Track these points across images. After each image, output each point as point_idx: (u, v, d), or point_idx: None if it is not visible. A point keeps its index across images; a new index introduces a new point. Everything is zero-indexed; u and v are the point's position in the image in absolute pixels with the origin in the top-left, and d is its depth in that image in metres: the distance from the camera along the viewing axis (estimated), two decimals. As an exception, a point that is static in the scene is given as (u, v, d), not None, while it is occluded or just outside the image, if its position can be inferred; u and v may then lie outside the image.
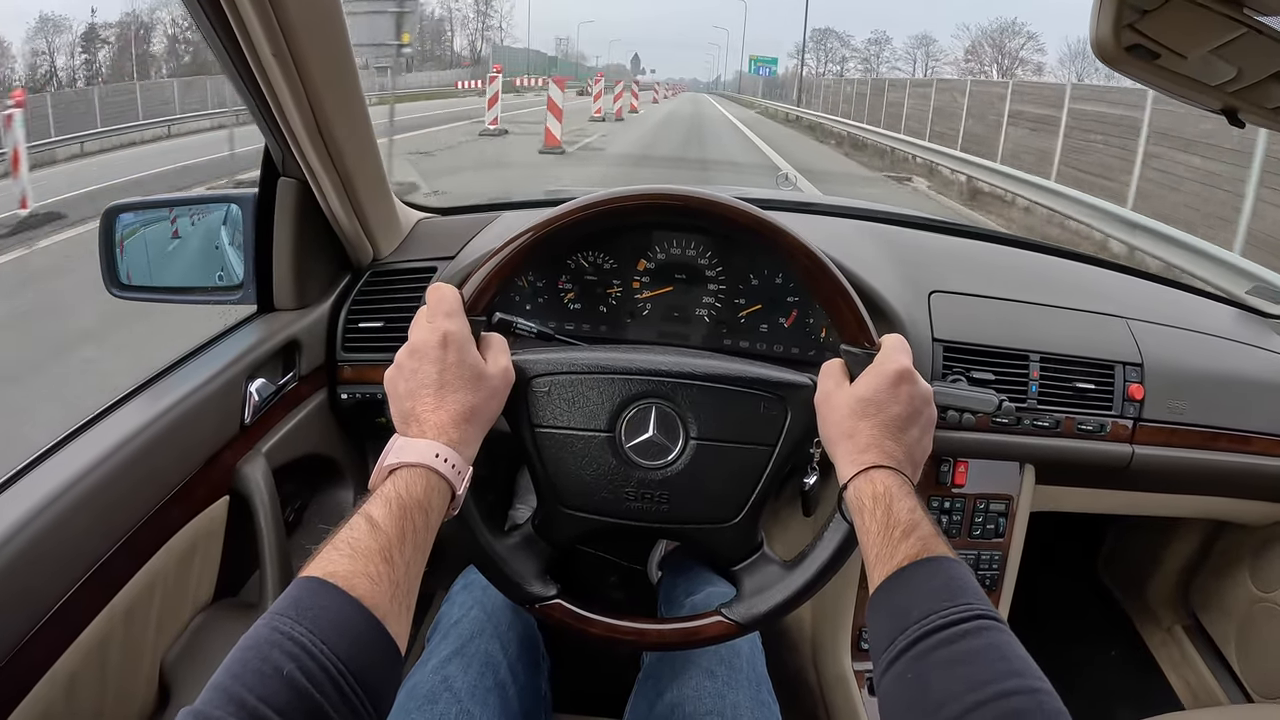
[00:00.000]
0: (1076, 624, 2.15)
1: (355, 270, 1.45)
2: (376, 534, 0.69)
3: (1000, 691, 0.61)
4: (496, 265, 0.93)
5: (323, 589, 0.64)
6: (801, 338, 1.37)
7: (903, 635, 0.68)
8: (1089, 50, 0.67)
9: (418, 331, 0.86)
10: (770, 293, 1.36)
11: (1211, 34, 0.65)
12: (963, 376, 1.35)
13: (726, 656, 1.09)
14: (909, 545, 0.75)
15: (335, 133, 1.16)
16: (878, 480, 0.81)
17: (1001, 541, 1.50)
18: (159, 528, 1.04)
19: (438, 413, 0.81)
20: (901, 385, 0.86)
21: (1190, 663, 1.94)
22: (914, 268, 1.45)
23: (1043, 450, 1.42)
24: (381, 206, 1.39)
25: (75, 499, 0.90)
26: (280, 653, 0.58)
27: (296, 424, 1.34)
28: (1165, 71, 0.69)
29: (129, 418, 1.03)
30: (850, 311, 0.93)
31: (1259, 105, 0.71)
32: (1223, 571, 1.88)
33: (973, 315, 1.41)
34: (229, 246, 1.34)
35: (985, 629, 0.66)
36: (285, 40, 0.99)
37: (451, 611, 1.14)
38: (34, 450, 0.95)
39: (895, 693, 0.67)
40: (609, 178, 11.33)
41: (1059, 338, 1.41)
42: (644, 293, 1.38)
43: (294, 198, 1.27)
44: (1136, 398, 1.41)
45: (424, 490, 0.75)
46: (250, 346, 1.23)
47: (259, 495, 1.20)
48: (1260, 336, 1.59)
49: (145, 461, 1.00)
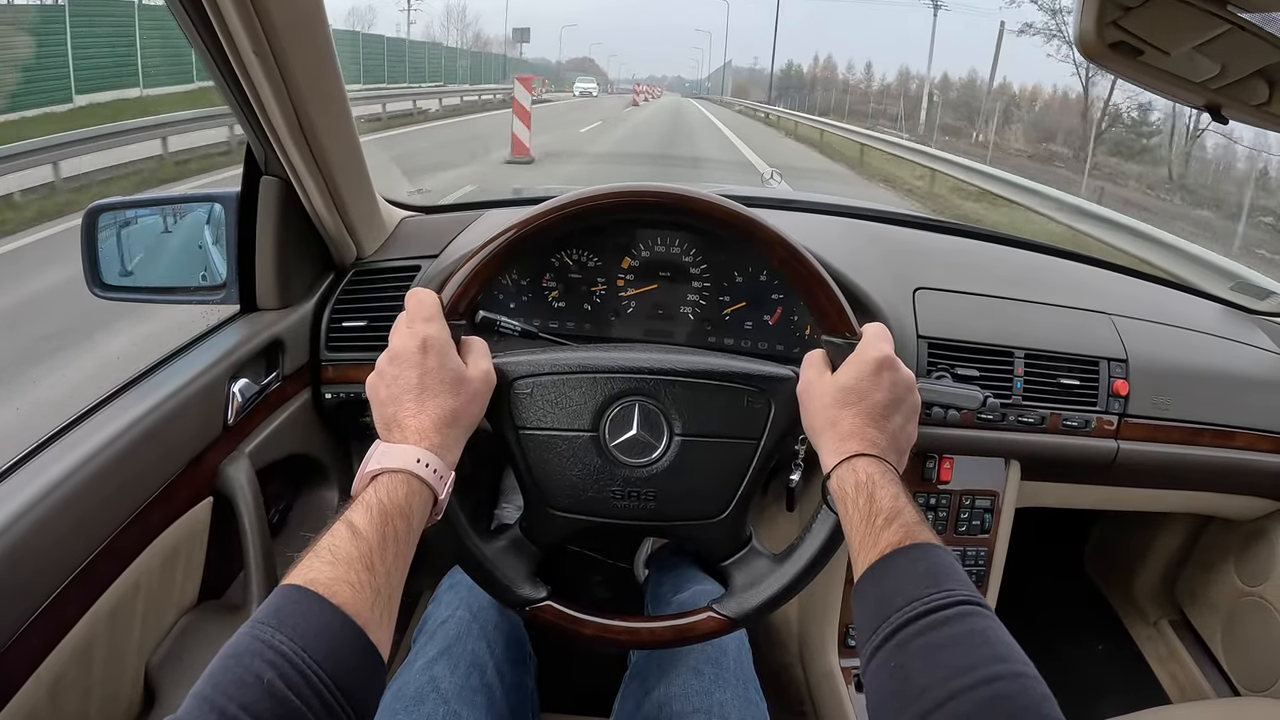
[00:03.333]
0: (1063, 619, 2.16)
1: (338, 269, 1.44)
2: (358, 541, 0.69)
3: (984, 677, 0.60)
4: (475, 267, 0.92)
5: (303, 597, 0.63)
6: (786, 334, 1.37)
7: (886, 623, 0.68)
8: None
9: (397, 337, 0.86)
10: (755, 289, 1.36)
11: (1195, 30, 0.65)
12: (947, 373, 1.35)
13: (713, 655, 1.09)
14: (891, 533, 0.75)
15: (318, 131, 1.15)
16: (860, 468, 0.81)
17: (987, 538, 1.50)
18: (142, 530, 1.03)
19: (419, 418, 0.81)
20: (883, 373, 0.86)
21: (1177, 657, 1.95)
22: (899, 264, 1.45)
23: (1028, 446, 1.43)
24: (364, 205, 1.39)
25: (57, 501, 0.89)
26: (261, 661, 0.58)
27: (280, 424, 1.33)
28: (1149, 68, 0.69)
29: (111, 419, 1.02)
30: (830, 301, 0.93)
31: (1242, 101, 0.72)
32: (1208, 566, 1.89)
33: (957, 312, 1.41)
34: (212, 246, 1.33)
35: (968, 614, 0.66)
36: (267, 38, 0.98)
37: (438, 612, 1.13)
38: (15, 452, 0.94)
39: (879, 681, 0.67)
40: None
41: (1044, 334, 1.42)
42: (628, 290, 1.37)
43: (276, 196, 1.26)
44: (1121, 393, 1.41)
45: (405, 496, 0.75)
46: (233, 346, 1.22)
47: (242, 496, 1.19)
48: (1244, 332, 1.60)
49: (128, 463, 0.99)
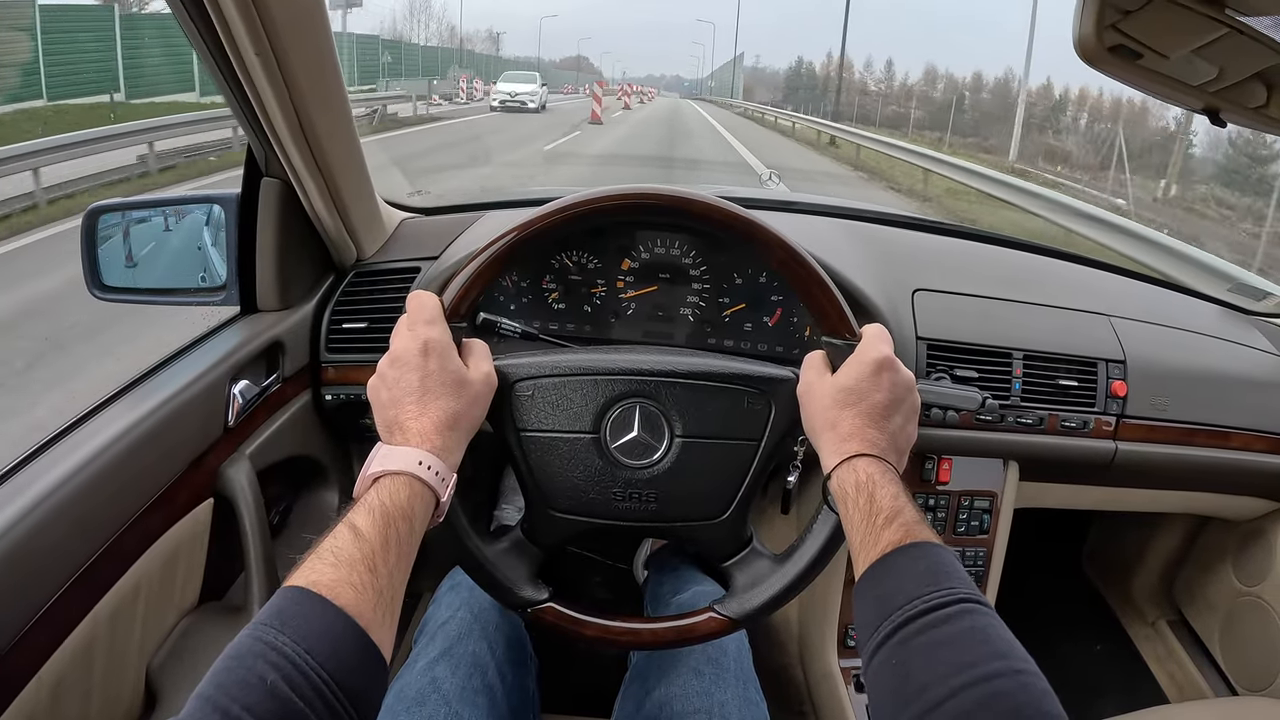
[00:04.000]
0: (1062, 619, 2.16)
1: (339, 271, 1.44)
2: (360, 542, 0.69)
3: (984, 674, 0.61)
4: (476, 270, 0.92)
5: (306, 598, 0.64)
6: (786, 336, 1.37)
7: (886, 621, 0.68)
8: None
9: (399, 340, 0.86)
10: (754, 291, 1.36)
11: (1193, 34, 0.65)
12: (946, 374, 1.35)
13: (714, 655, 1.10)
14: (892, 532, 0.75)
15: (318, 132, 1.15)
16: (860, 469, 0.81)
17: (986, 538, 1.51)
18: (143, 531, 1.03)
19: (420, 420, 0.81)
20: (883, 373, 0.86)
21: (1175, 657, 1.96)
22: (898, 266, 1.46)
23: (1026, 447, 1.43)
24: (365, 206, 1.39)
25: (58, 503, 0.89)
26: (264, 663, 0.58)
27: (280, 426, 1.33)
28: (1147, 72, 0.70)
29: (112, 420, 1.02)
30: (829, 303, 0.93)
31: (1241, 105, 0.72)
32: (1206, 566, 1.89)
33: (956, 313, 1.42)
34: (211, 247, 1.32)
35: (968, 612, 0.66)
36: (269, 40, 0.98)
37: (439, 612, 1.14)
38: (16, 454, 0.94)
39: (881, 679, 0.67)
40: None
41: (1042, 335, 1.42)
42: (628, 292, 1.38)
43: (277, 198, 1.26)
44: (1119, 394, 1.42)
45: (407, 498, 0.75)
46: (234, 348, 1.22)
47: (243, 498, 1.19)
48: (1241, 333, 1.61)
49: (128, 465, 1.00)
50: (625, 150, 16.33)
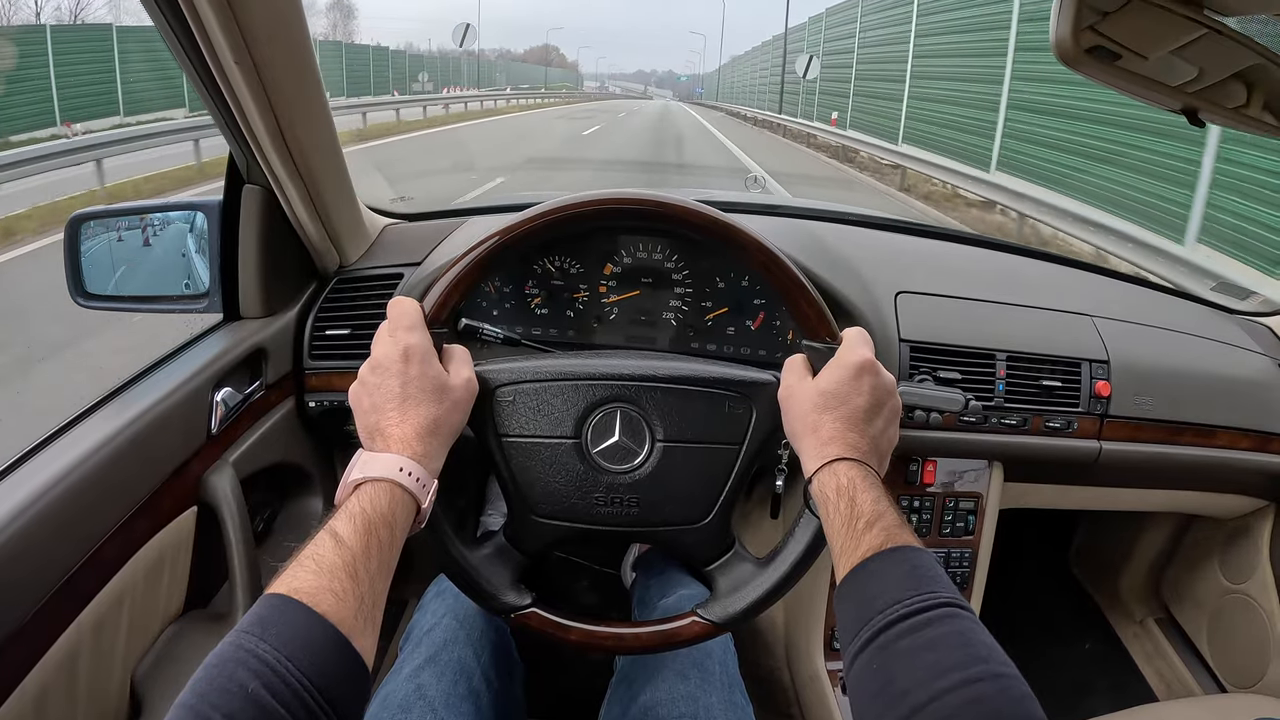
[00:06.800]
0: (1049, 619, 2.17)
1: (321, 277, 1.44)
2: (341, 549, 0.69)
3: (965, 678, 0.61)
4: (456, 275, 0.92)
5: (287, 606, 0.64)
6: (769, 340, 1.38)
7: (867, 626, 0.68)
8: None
9: (379, 346, 0.86)
10: (737, 295, 1.36)
11: (1172, 35, 0.66)
12: (929, 376, 1.35)
13: (699, 659, 1.10)
14: (873, 536, 0.75)
15: (300, 139, 1.15)
16: (841, 472, 0.81)
17: (971, 539, 1.51)
18: (127, 540, 1.03)
19: (401, 426, 0.81)
20: (864, 377, 0.86)
21: (1163, 655, 1.97)
22: (880, 269, 1.46)
23: (1011, 448, 1.43)
24: (347, 213, 1.38)
25: (40, 512, 0.88)
26: (245, 670, 0.58)
27: (264, 433, 1.32)
28: (1126, 73, 0.70)
29: (94, 429, 1.02)
30: (809, 306, 0.94)
31: (1219, 105, 0.72)
32: (1193, 564, 1.90)
33: (939, 315, 1.42)
34: (195, 254, 1.32)
35: (950, 616, 0.67)
36: (248, 46, 0.98)
37: (424, 619, 1.13)
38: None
39: (862, 683, 0.67)
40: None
41: (1025, 336, 1.43)
42: (611, 297, 1.38)
43: (259, 205, 1.26)
44: (1103, 394, 1.42)
45: (389, 505, 0.75)
46: (216, 355, 1.22)
47: (227, 505, 1.19)
48: (1225, 332, 1.61)
49: (111, 473, 0.99)
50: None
